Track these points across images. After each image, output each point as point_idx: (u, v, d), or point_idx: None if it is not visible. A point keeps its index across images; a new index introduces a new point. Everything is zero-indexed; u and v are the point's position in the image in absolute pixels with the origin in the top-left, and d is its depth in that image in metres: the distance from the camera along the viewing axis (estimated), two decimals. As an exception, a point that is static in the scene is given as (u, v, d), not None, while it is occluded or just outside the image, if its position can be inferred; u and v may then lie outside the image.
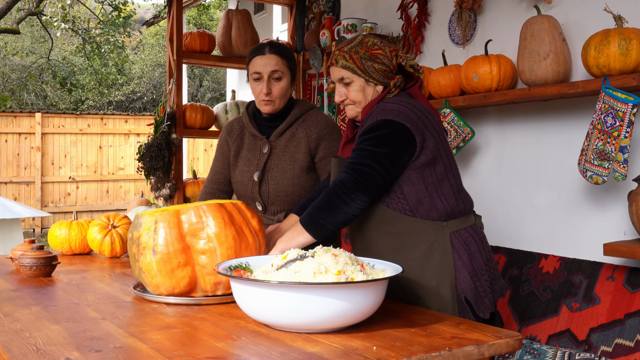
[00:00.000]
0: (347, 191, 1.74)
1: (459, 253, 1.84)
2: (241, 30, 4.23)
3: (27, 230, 11.14)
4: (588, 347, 2.46)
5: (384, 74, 1.88)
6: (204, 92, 18.09)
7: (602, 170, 2.46)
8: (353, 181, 1.74)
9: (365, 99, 1.90)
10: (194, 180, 4.17)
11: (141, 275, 1.74)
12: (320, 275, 1.44)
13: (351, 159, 1.79)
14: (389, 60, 1.88)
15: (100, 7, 14.43)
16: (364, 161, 1.76)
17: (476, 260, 1.87)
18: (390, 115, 1.79)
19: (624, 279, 2.47)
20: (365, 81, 1.88)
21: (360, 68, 1.87)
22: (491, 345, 1.40)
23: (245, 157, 2.42)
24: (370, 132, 1.79)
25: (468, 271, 1.84)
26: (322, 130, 2.34)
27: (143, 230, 1.73)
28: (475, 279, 1.85)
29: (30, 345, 1.35)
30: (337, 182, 1.76)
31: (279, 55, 2.29)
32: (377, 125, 1.79)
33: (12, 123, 11.20)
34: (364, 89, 1.89)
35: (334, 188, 1.76)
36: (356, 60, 1.87)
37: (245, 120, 2.44)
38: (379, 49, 1.88)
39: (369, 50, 1.87)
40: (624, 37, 2.36)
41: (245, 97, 7.63)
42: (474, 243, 1.89)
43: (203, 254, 1.72)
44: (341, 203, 1.74)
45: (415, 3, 3.56)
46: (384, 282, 1.46)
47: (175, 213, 1.74)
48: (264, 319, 1.44)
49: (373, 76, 1.88)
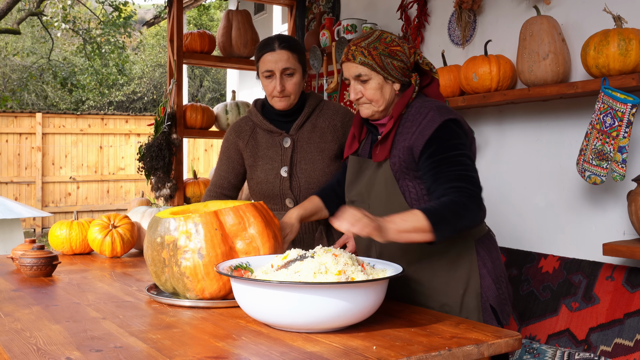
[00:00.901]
0: (475, 196, 1.66)
1: (484, 261, 1.83)
2: (241, 30, 4.24)
3: (27, 230, 11.14)
4: (587, 347, 2.46)
5: (402, 71, 1.81)
6: (205, 92, 18.09)
7: (600, 170, 2.46)
8: (476, 186, 1.67)
9: (383, 98, 1.81)
10: (195, 180, 4.17)
11: (183, 279, 1.67)
12: (320, 275, 1.44)
13: (458, 166, 1.68)
14: (407, 58, 1.81)
15: (101, 8, 14.43)
16: (471, 166, 1.71)
17: (498, 267, 1.86)
18: (450, 114, 1.75)
19: (624, 278, 2.47)
20: (384, 79, 1.80)
21: (380, 65, 1.78)
22: (491, 345, 1.40)
23: (265, 155, 2.33)
24: (447, 135, 1.72)
25: (492, 278, 1.83)
26: (344, 117, 2.35)
27: (180, 234, 1.67)
28: (498, 286, 1.84)
29: (30, 345, 1.35)
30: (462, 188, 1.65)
31: (289, 50, 2.21)
32: (444, 128, 1.73)
33: (12, 123, 11.21)
34: (382, 87, 1.81)
35: (463, 194, 1.64)
36: (375, 57, 1.78)
37: (256, 118, 2.35)
38: (398, 46, 1.80)
39: (388, 47, 1.79)
40: (623, 37, 2.37)
41: (245, 97, 7.63)
42: (494, 250, 1.88)
43: (246, 254, 1.71)
44: (472, 208, 1.64)
45: (415, 3, 3.56)
46: (384, 282, 1.47)
47: (214, 214, 1.70)
48: (265, 318, 1.44)
49: (392, 74, 1.80)
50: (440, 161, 1.69)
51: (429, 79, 1.89)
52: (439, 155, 1.70)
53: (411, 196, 1.79)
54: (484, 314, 1.81)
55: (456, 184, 1.65)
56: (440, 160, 1.69)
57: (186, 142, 10.16)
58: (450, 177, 1.67)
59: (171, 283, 1.71)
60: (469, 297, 1.80)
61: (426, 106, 1.78)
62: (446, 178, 1.67)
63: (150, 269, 1.78)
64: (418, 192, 1.78)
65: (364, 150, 1.97)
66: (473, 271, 1.81)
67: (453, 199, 1.62)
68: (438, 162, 1.70)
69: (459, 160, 1.69)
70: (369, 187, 1.86)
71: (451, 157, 1.69)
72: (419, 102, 1.81)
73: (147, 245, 1.76)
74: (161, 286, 1.76)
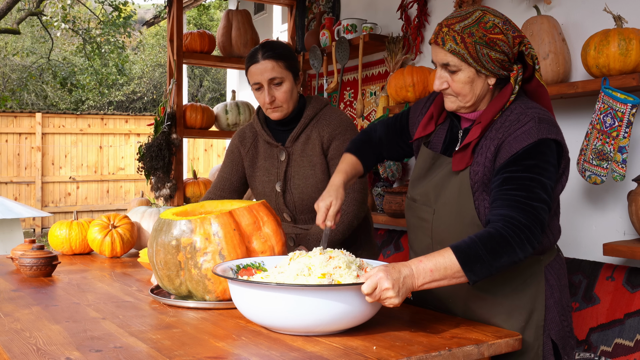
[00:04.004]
0: (525, 229, 1.41)
1: (552, 290, 1.62)
2: (241, 30, 4.23)
3: (27, 230, 11.14)
4: (588, 347, 2.46)
5: (500, 64, 1.52)
6: (204, 92, 18.09)
7: (600, 170, 2.46)
8: (532, 218, 1.42)
9: (473, 93, 1.55)
10: (194, 180, 4.17)
11: (204, 282, 1.64)
12: (302, 277, 1.43)
13: (521, 191, 1.45)
14: (510, 49, 1.51)
15: (101, 8, 14.43)
16: (539, 195, 1.45)
17: (565, 296, 1.66)
18: (551, 133, 1.49)
19: (624, 278, 2.47)
20: (476, 72, 1.52)
21: (473, 56, 1.50)
22: (491, 345, 1.40)
23: (263, 166, 2.30)
24: (533, 155, 1.47)
25: (558, 310, 1.62)
26: (334, 130, 2.21)
27: (197, 236, 1.65)
28: (563, 318, 1.63)
29: (30, 345, 1.35)
30: (511, 218, 1.42)
31: (273, 59, 2.13)
32: (536, 146, 1.48)
33: (12, 123, 11.20)
34: (473, 81, 1.53)
35: (508, 226, 1.41)
36: (469, 45, 1.49)
37: (257, 127, 2.31)
38: (500, 33, 1.50)
39: (488, 34, 1.49)
40: (623, 37, 2.36)
41: (245, 97, 7.63)
42: (564, 276, 1.67)
43: (262, 253, 1.72)
44: (515, 244, 1.40)
45: (415, 3, 3.56)
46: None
47: (230, 215, 1.69)
48: (262, 321, 1.44)
49: (487, 66, 1.51)
50: (506, 180, 1.47)
51: (530, 71, 1.59)
52: (509, 173, 1.47)
53: (484, 212, 1.55)
54: (544, 349, 1.59)
55: (507, 213, 1.43)
56: (507, 179, 1.47)
57: (186, 142, 10.16)
58: (506, 202, 1.44)
59: (187, 286, 1.67)
60: (529, 331, 1.58)
61: (528, 114, 1.51)
62: (502, 202, 1.45)
63: (160, 273, 1.70)
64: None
65: (437, 141, 1.70)
66: (539, 303, 1.59)
67: (492, 232, 1.40)
68: (504, 181, 1.47)
69: (527, 185, 1.44)
70: (438, 190, 1.63)
71: (520, 178, 1.45)
72: (521, 106, 1.54)
73: (157, 249, 1.69)
74: (174, 290, 1.71)
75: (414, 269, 1.38)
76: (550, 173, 1.48)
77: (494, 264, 1.39)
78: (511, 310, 1.59)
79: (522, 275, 1.59)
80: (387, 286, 1.33)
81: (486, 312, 1.62)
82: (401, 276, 1.36)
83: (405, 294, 1.37)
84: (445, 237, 1.62)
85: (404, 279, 1.36)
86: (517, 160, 1.48)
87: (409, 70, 3.25)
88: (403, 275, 1.36)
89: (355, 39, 3.70)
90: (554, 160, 1.50)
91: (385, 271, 1.35)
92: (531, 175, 1.45)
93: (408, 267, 1.38)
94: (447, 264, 1.37)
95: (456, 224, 1.59)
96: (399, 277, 1.35)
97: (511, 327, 1.58)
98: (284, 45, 2.22)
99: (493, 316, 1.61)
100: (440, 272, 1.37)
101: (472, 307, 1.65)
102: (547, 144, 1.48)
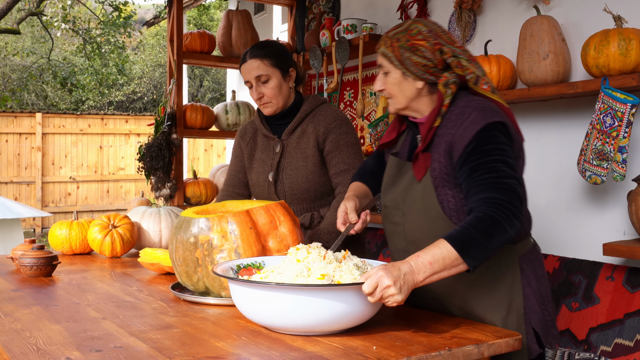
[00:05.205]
0: (507, 204, 1.47)
1: (528, 279, 1.67)
2: (241, 30, 4.23)
3: (27, 230, 11.14)
4: (587, 347, 2.46)
5: (424, 68, 1.64)
6: (204, 92, 18.09)
7: (600, 170, 2.46)
8: (509, 193, 1.49)
9: (402, 94, 1.68)
10: (194, 180, 4.17)
11: (220, 278, 1.68)
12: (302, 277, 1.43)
13: (490, 173, 1.52)
14: (433, 55, 1.63)
15: (101, 8, 14.43)
16: (507, 172, 1.52)
17: (543, 286, 1.70)
18: (495, 117, 1.58)
19: (624, 278, 2.47)
20: (402, 74, 1.66)
21: (398, 59, 1.65)
22: (491, 345, 1.40)
23: (260, 158, 2.42)
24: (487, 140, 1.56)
25: (537, 299, 1.67)
26: (330, 124, 2.31)
27: (215, 233, 1.70)
28: (543, 307, 1.68)
29: (30, 345, 1.35)
30: (491, 199, 1.48)
31: (258, 58, 2.26)
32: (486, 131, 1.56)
33: (12, 123, 11.20)
34: (401, 83, 1.66)
35: (491, 206, 1.46)
36: (395, 49, 1.65)
37: (257, 121, 2.45)
38: (423, 40, 1.63)
39: (411, 40, 1.64)
40: (623, 37, 2.36)
41: (245, 97, 7.63)
42: (540, 266, 1.72)
43: (278, 252, 1.75)
44: (503, 221, 1.45)
45: (415, 3, 3.56)
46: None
47: (247, 214, 1.74)
48: (261, 320, 1.44)
49: (411, 69, 1.64)
50: (473, 169, 1.54)
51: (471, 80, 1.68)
52: (473, 162, 1.55)
53: (450, 206, 1.62)
54: (527, 337, 1.64)
55: (486, 195, 1.49)
56: (474, 167, 1.54)
57: (186, 142, 10.16)
58: (481, 187, 1.51)
59: (204, 282, 1.73)
60: (511, 320, 1.63)
61: (471, 106, 1.62)
62: (477, 189, 1.52)
63: (179, 269, 1.78)
64: (457, 203, 1.61)
65: (403, 150, 1.81)
66: (516, 291, 1.64)
67: (479, 215, 1.45)
68: (471, 170, 1.55)
69: (493, 166, 1.52)
70: (405, 193, 1.72)
71: (485, 163, 1.53)
72: (464, 101, 1.64)
73: (176, 246, 1.76)
74: (192, 286, 1.77)
75: (412, 264, 1.39)
76: (508, 152, 1.57)
77: (489, 245, 1.42)
78: (491, 301, 1.64)
79: (497, 265, 1.64)
80: (388, 283, 1.34)
81: (466, 304, 1.67)
82: (401, 273, 1.37)
83: (408, 291, 1.37)
84: (417, 237, 1.69)
85: (405, 275, 1.37)
86: (475, 149, 1.56)
87: (409, 70, 3.25)
88: (403, 272, 1.37)
89: (355, 39, 3.70)
90: (507, 140, 1.59)
91: (384, 269, 1.36)
92: (493, 157, 1.54)
93: (407, 264, 1.39)
94: (444, 254, 1.40)
95: (424, 221, 1.65)
96: (399, 274, 1.36)
97: (493, 317, 1.63)
98: (274, 44, 2.33)
99: (474, 307, 1.66)
100: (439, 263, 1.39)
101: (452, 301, 1.69)
102: (494, 127, 1.58)
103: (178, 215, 2.24)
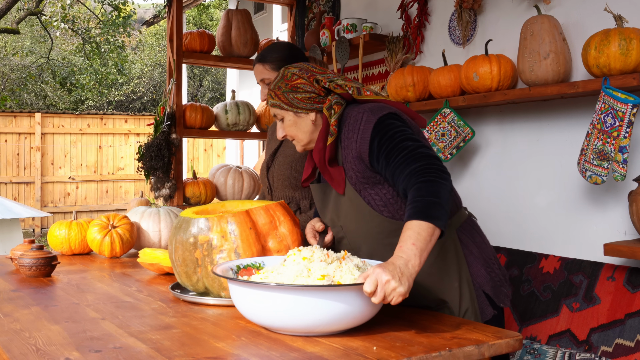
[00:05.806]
0: (430, 165, 1.57)
1: (469, 247, 1.81)
2: (241, 30, 4.23)
3: (26, 230, 11.14)
4: (588, 347, 2.46)
5: (310, 101, 1.80)
6: (204, 92, 18.09)
7: (601, 170, 2.45)
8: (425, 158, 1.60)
9: (302, 131, 1.82)
10: (194, 180, 4.16)
11: (219, 279, 1.68)
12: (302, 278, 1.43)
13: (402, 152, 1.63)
14: (312, 87, 1.80)
15: (100, 7, 14.43)
16: (415, 144, 1.63)
17: (485, 251, 1.84)
18: (384, 111, 1.72)
19: (624, 279, 2.47)
20: (294, 114, 1.81)
21: (286, 102, 1.81)
22: (491, 346, 1.39)
23: (270, 147, 2.62)
24: (385, 130, 1.68)
25: (481, 263, 1.81)
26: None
27: (214, 233, 1.70)
28: (489, 270, 1.82)
29: (30, 346, 1.35)
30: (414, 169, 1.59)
31: (261, 63, 2.40)
32: (381, 124, 1.69)
33: (11, 123, 11.20)
34: (296, 122, 1.82)
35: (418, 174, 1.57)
36: (280, 96, 1.81)
37: None
38: (298, 78, 1.81)
39: (289, 83, 1.81)
40: (624, 37, 2.36)
41: (245, 97, 7.63)
42: (478, 234, 1.87)
43: (278, 252, 1.76)
44: (436, 178, 1.54)
45: (415, 3, 3.56)
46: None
47: (247, 214, 1.75)
48: (261, 321, 1.43)
49: (299, 106, 1.80)
50: (387, 157, 1.66)
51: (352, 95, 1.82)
52: (384, 152, 1.67)
53: (377, 203, 1.75)
54: (479, 301, 1.78)
55: (409, 170, 1.59)
56: (387, 156, 1.66)
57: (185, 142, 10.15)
58: (401, 166, 1.62)
59: (204, 283, 1.73)
60: (464, 288, 1.77)
61: (360, 111, 1.74)
62: (399, 169, 1.63)
63: (178, 270, 1.77)
64: (382, 198, 1.75)
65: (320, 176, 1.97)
66: (461, 262, 1.78)
67: (416, 186, 1.55)
68: (386, 158, 1.66)
69: (401, 146, 1.64)
70: (337, 209, 1.84)
71: (393, 147, 1.65)
72: (354, 111, 1.76)
73: (175, 246, 1.76)
74: (191, 286, 1.77)
75: (402, 255, 1.43)
76: (408, 131, 1.68)
77: (442, 201, 1.51)
78: (442, 275, 1.76)
79: (440, 243, 1.73)
80: (387, 278, 1.36)
81: (432, 289, 1.77)
82: (396, 266, 1.40)
83: (408, 281, 1.39)
84: (359, 241, 1.82)
85: (400, 267, 1.40)
86: (379, 142, 1.68)
87: (409, 70, 3.25)
88: (398, 265, 1.40)
89: (355, 39, 3.69)
90: (402, 124, 1.70)
91: (380, 266, 1.39)
92: (398, 139, 1.66)
93: (397, 257, 1.43)
94: (418, 230, 1.46)
95: (361, 225, 1.77)
96: (394, 268, 1.39)
97: (451, 289, 1.75)
98: (277, 47, 2.43)
99: (437, 290, 1.76)
100: (420, 240, 1.44)
101: (424, 294, 1.78)
102: (386, 118, 1.70)
103: (177, 215, 2.24)
